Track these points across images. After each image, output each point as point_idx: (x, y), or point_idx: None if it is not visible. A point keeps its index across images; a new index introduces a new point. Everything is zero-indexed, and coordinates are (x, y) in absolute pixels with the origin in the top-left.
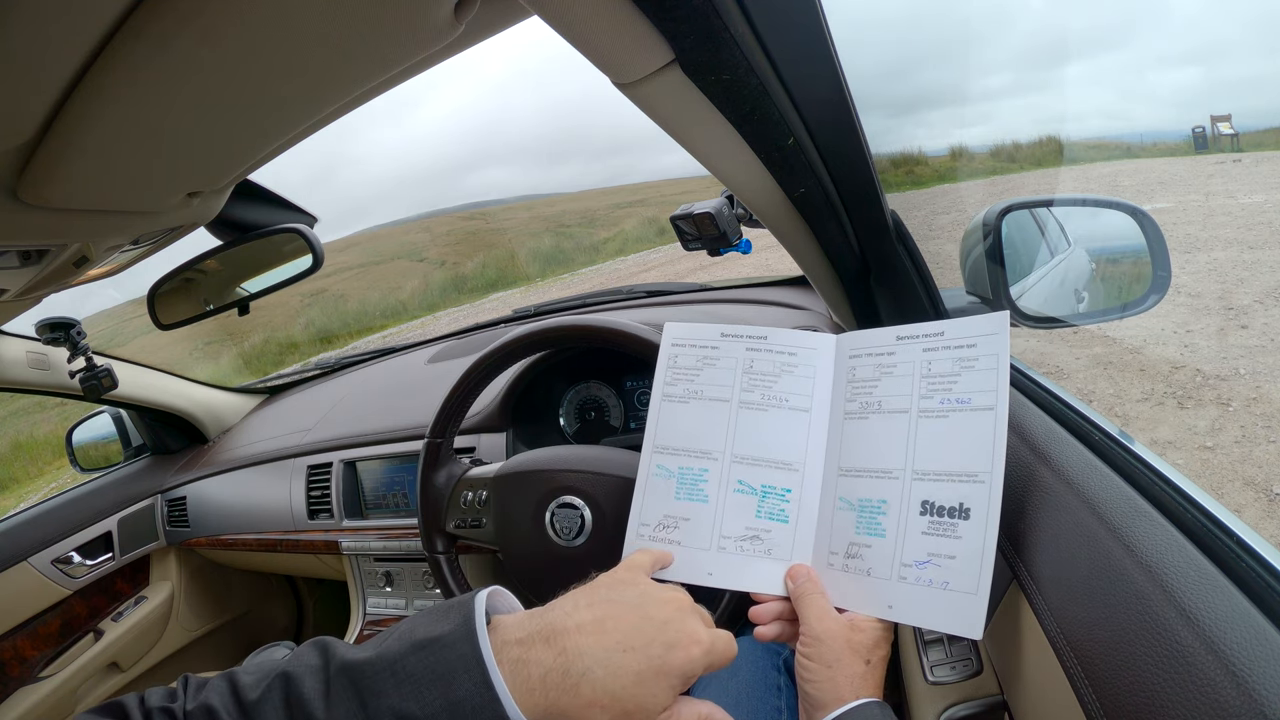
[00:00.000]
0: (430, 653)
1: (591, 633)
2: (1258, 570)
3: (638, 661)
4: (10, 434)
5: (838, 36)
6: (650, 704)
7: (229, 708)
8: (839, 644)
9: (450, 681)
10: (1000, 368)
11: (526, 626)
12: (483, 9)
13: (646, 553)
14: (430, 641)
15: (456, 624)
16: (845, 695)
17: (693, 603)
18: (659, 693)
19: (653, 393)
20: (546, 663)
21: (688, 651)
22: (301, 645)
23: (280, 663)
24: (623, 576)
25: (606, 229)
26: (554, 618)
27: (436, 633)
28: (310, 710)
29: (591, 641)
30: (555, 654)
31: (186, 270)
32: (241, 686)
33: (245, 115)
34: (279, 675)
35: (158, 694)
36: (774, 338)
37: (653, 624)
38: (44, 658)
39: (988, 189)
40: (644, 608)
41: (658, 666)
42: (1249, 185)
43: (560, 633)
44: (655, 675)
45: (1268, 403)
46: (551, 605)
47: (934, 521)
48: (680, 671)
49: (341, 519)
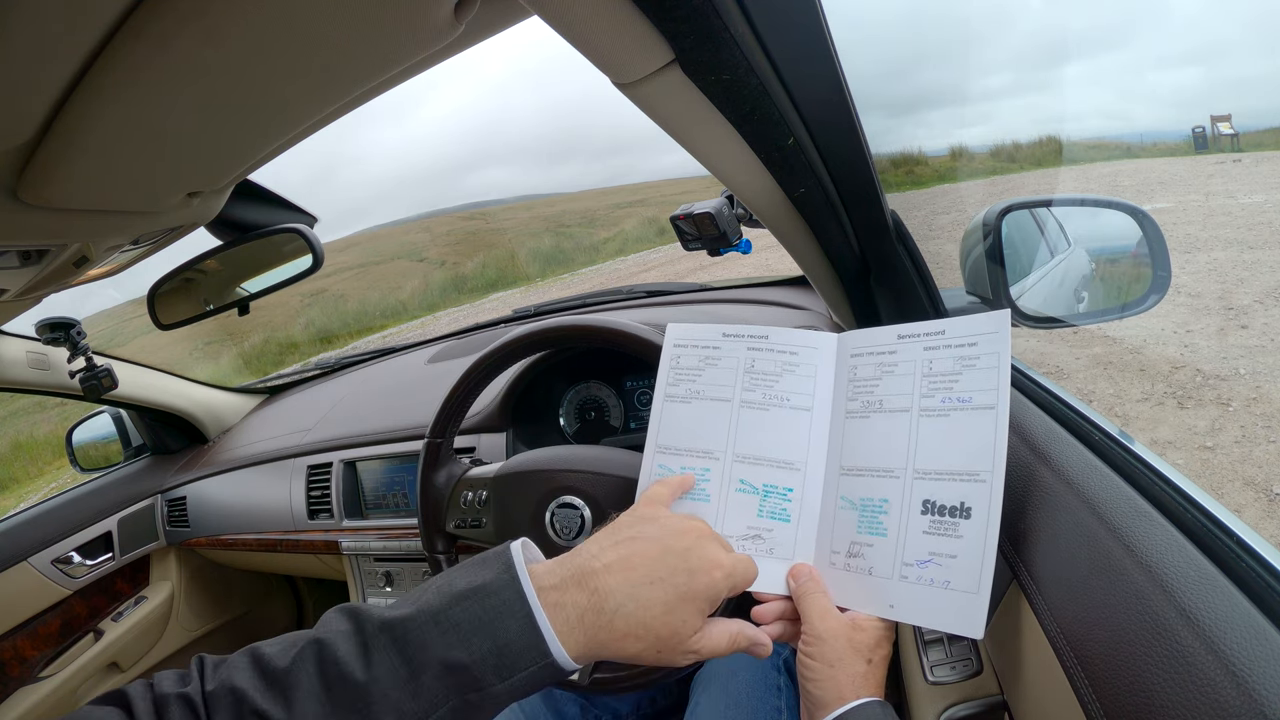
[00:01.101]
0: (475, 600)
1: (619, 570)
2: (1258, 570)
3: (664, 591)
4: (10, 434)
5: (838, 36)
6: (682, 629)
7: (255, 683)
8: (841, 643)
9: (496, 626)
10: (1001, 366)
11: (558, 572)
12: (483, 9)
13: (663, 483)
14: (473, 590)
15: (498, 571)
16: (847, 694)
17: (709, 529)
18: (688, 618)
19: (655, 393)
20: (581, 603)
21: (710, 575)
22: (327, 613)
23: (305, 632)
24: (643, 512)
25: (606, 229)
26: (582, 560)
27: (479, 581)
28: (347, 672)
29: (620, 579)
30: (588, 594)
31: (186, 270)
32: (267, 658)
33: (245, 115)
34: (310, 642)
35: (169, 679)
36: (775, 337)
37: (674, 554)
38: (44, 658)
39: (988, 189)
40: (664, 540)
41: (684, 593)
42: (1249, 185)
43: (590, 574)
44: (682, 602)
45: (1268, 403)
46: (578, 549)
47: (935, 520)
48: (705, 595)
49: (341, 519)
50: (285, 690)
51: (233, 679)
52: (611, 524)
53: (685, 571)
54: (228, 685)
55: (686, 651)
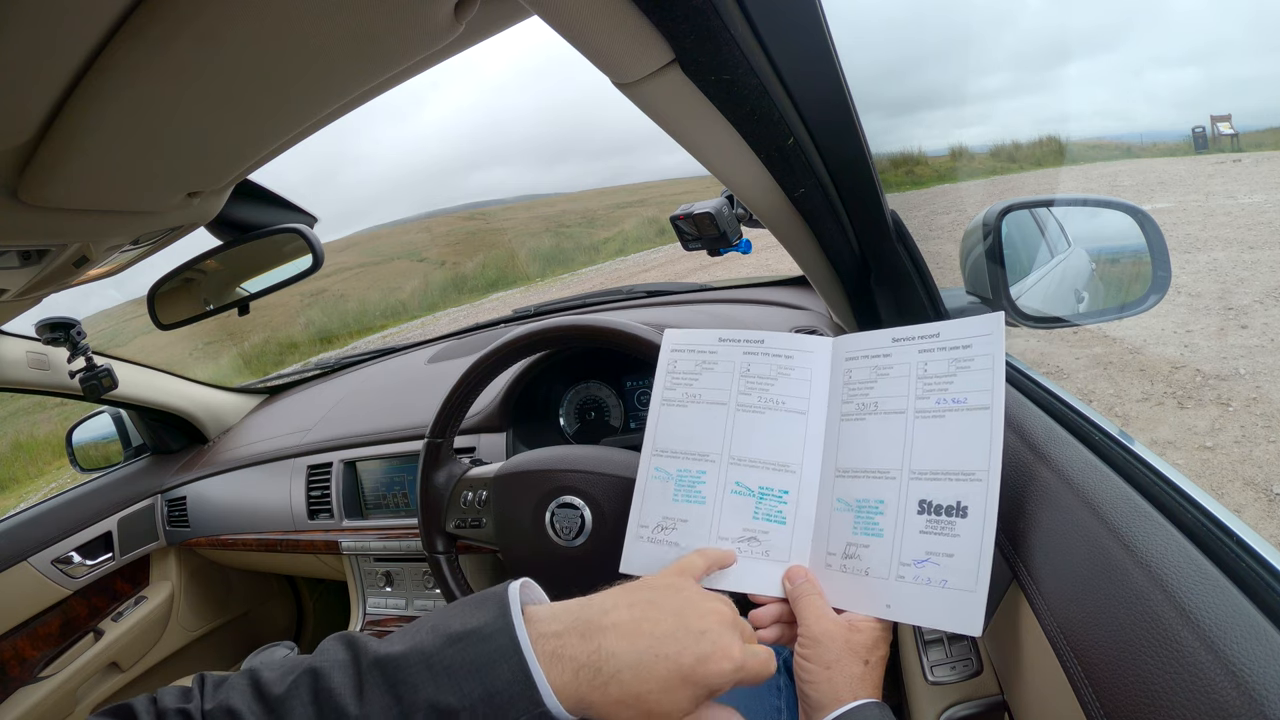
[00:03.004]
0: (468, 645)
1: (627, 634)
2: (1258, 570)
3: (667, 668)
4: (10, 434)
5: (838, 37)
6: (673, 710)
7: (252, 706)
8: (837, 645)
9: (488, 672)
10: (995, 367)
11: (562, 619)
12: (483, 9)
13: (703, 554)
14: (467, 634)
15: (493, 615)
16: (844, 696)
17: (735, 616)
18: (683, 701)
19: (652, 397)
20: (580, 658)
21: (719, 665)
22: (324, 641)
23: (304, 659)
24: (671, 581)
25: (606, 229)
26: (591, 614)
27: (472, 625)
28: (341, 705)
29: (625, 644)
30: (590, 651)
31: (186, 270)
32: (265, 683)
33: (245, 115)
34: (306, 671)
35: (171, 694)
36: (770, 341)
37: (689, 633)
38: (44, 658)
39: (988, 189)
40: (683, 615)
41: (686, 676)
42: (1249, 185)
43: (596, 630)
44: (682, 684)
45: (1268, 403)
46: (590, 600)
47: (932, 520)
48: (707, 684)
49: (341, 519)
50: (280, 716)
51: (230, 700)
52: (634, 582)
53: (694, 655)
54: (225, 706)
55: None
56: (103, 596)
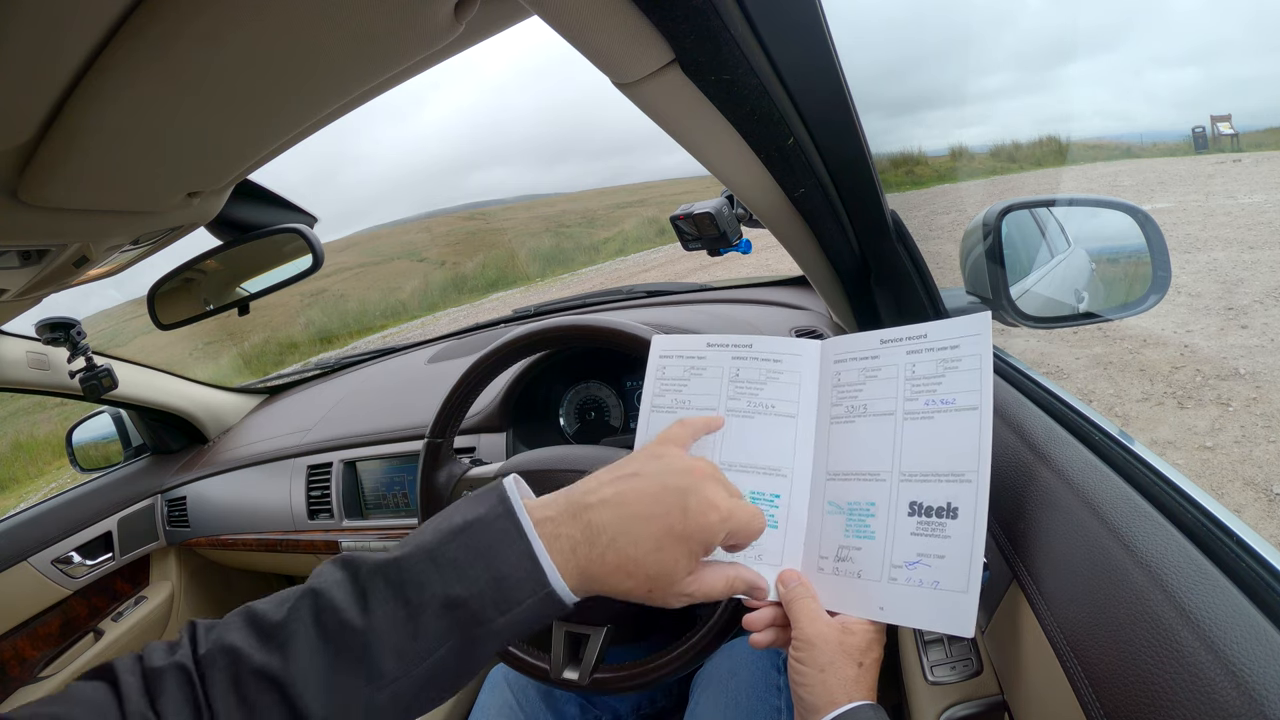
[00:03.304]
0: (471, 534)
1: (613, 505)
2: (1258, 570)
3: (656, 528)
4: (10, 434)
5: (838, 37)
6: (671, 568)
7: (250, 640)
8: (831, 647)
9: (494, 557)
10: (983, 368)
11: (553, 505)
12: (483, 9)
13: (684, 423)
14: (469, 524)
15: (492, 504)
16: (839, 699)
17: (716, 472)
18: (680, 558)
19: (641, 404)
20: (575, 535)
21: (705, 517)
22: (319, 565)
23: (300, 586)
24: (652, 450)
25: (606, 229)
26: (578, 495)
27: (473, 516)
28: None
29: (612, 514)
30: (581, 527)
31: (186, 270)
32: (260, 613)
33: (245, 115)
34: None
35: (158, 650)
36: (759, 345)
37: (671, 492)
38: (44, 658)
39: (988, 189)
40: (663, 477)
41: (677, 533)
42: (1249, 185)
43: (584, 507)
44: (674, 541)
45: (1268, 403)
46: (576, 484)
47: (922, 522)
48: (698, 537)
49: (341, 519)
50: (282, 643)
51: (226, 638)
52: (618, 461)
53: (680, 510)
54: (222, 645)
55: (679, 593)
56: (103, 596)
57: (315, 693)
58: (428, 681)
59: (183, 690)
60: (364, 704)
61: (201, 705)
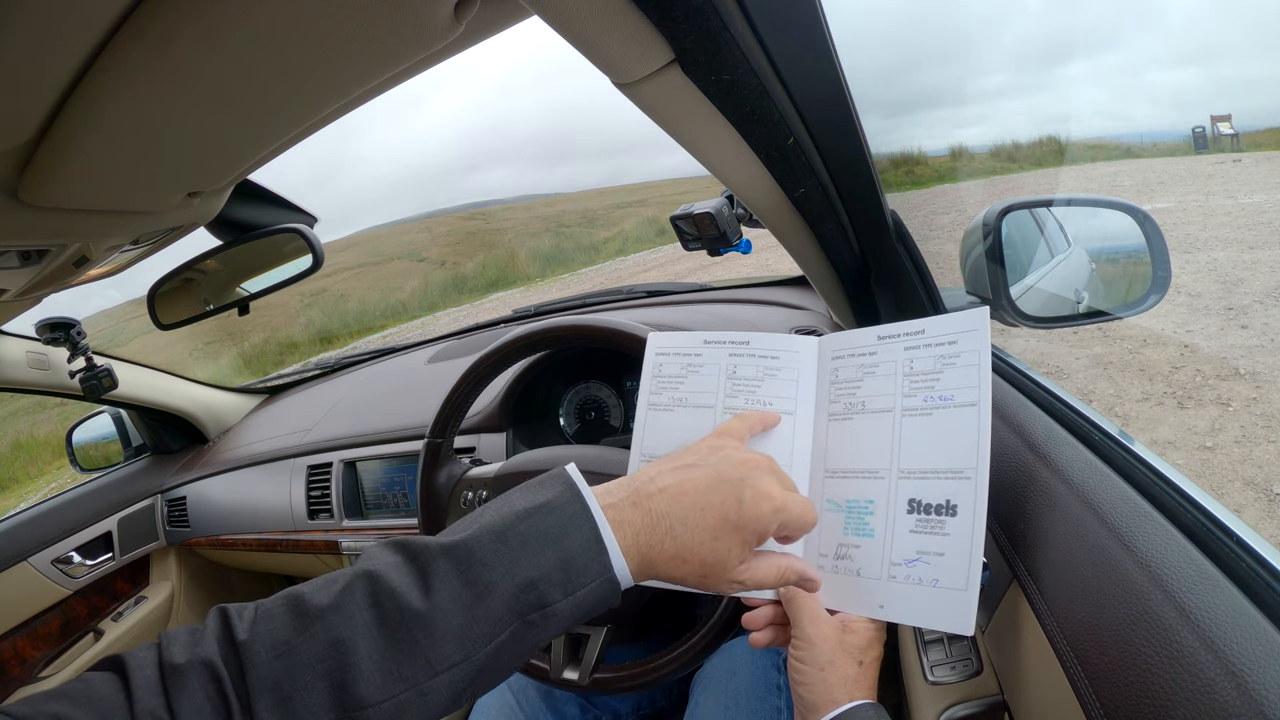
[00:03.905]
0: (541, 516)
1: (672, 495)
2: (1258, 570)
3: (713, 518)
4: (10, 434)
5: (838, 37)
6: (727, 558)
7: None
8: (831, 646)
9: (563, 540)
10: (981, 363)
11: (616, 492)
12: (483, 9)
13: (743, 418)
14: (538, 508)
15: (561, 489)
16: (839, 697)
17: (772, 465)
18: (733, 547)
19: (639, 401)
20: (636, 522)
21: (759, 508)
22: (368, 548)
23: (349, 569)
24: (711, 442)
25: (606, 229)
26: (639, 484)
27: (541, 500)
28: (405, 602)
29: (671, 503)
30: (642, 515)
31: (186, 270)
32: (306, 597)
33: (245, 115)
34: (359, 575)
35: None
36: (756, 342)
37: (727, 482)
38: (44, 658)
39: (988, 189)
40: (720, 468)
41: (732, 522)
42: (1249, 185)
43: (645, 496)
44: (730, 531)
45: (1268, 403)
46: (637, 473)
47: (921, 519)
48: (752, 527)
49: (341, 519)
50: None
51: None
52: (677, 452)
53: (735, 501)
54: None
55: (732, 581)
56: (103, 596)
57: (369, 679)
58: (483, 668)
59: (205, 688)
60: (417, 691)
61: (232, 701)
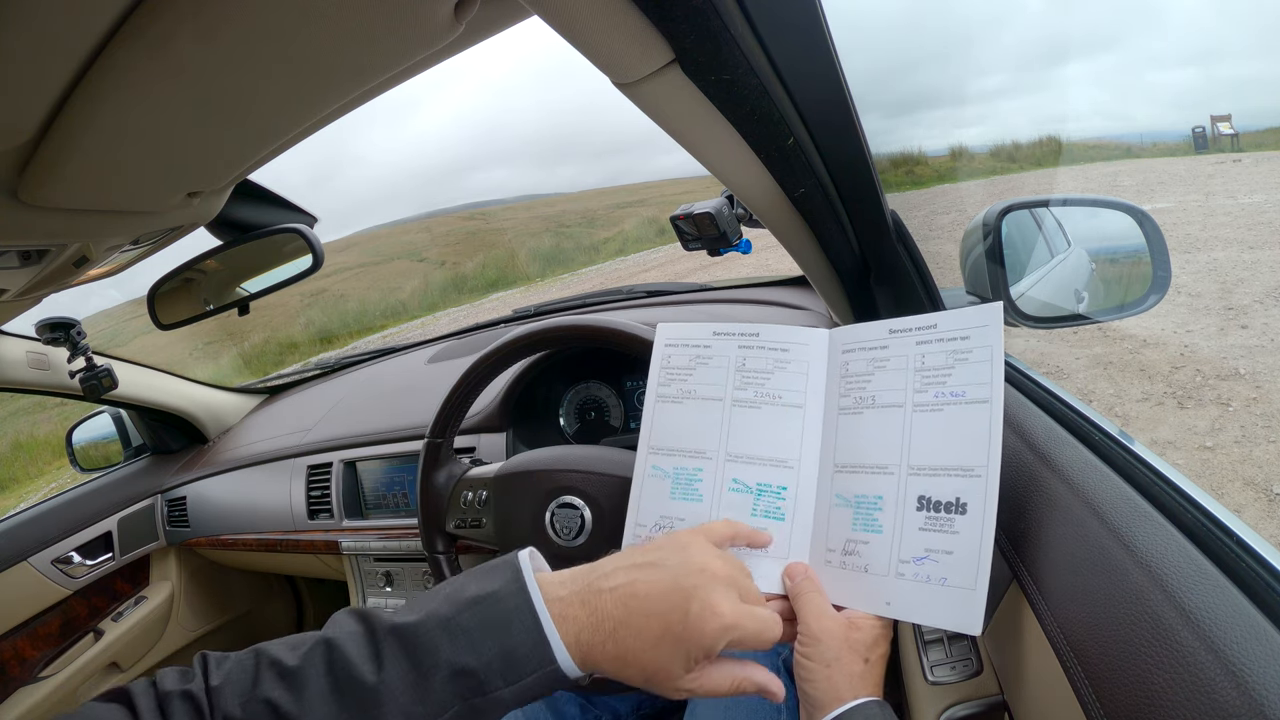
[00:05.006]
0: (485, 607)
1: (621, 596)
2: (1258, 570)
3: (656, 627)
4: (10, 434)
5: (838, 37)
6: (668, 666)
7: (263, 677)
8: (837, 642)
9: (505, 631)
10: (994, 360)
11: (568, 585)
12: (483, 9)
13: (731, 525)
14: (484, 597)
15: (507, 579)
16: (844, 694)
17: (732, 574)
18: (675, 657)
19: (647, 393)
20: (581, 619)
21: (703, 624)
22: (335, 614)
23: (313, 633)
24: (681, 539)
25: (606, 229)
26: (592, 579)
27: (488, 589)
28: (358, 674)
29: (618, 605)
30: (588, 613)
31: (186, 270)
32: (275, 657)
33: (245, 115)
34: (319, 643)
35: (171, 676)
36: (766, 334)
37: (679, 592)
38: (44, 658)
39: (988, 189)
40: (676, 573)
41: (675, 635)
42: (1249, 185)
43: (595, 593)
44: (672, 642)
45: (1268, 403)
46: (593, 565)
47: (931, 517)
48: (695, 641)
49: (341, 519)
50: (295, 686)
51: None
52: (643, 545)
53: (681, 613)
54: (233, 679)
55: (678, 689)
56: (103, 596)
57: None
58: None
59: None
60: None
61: None
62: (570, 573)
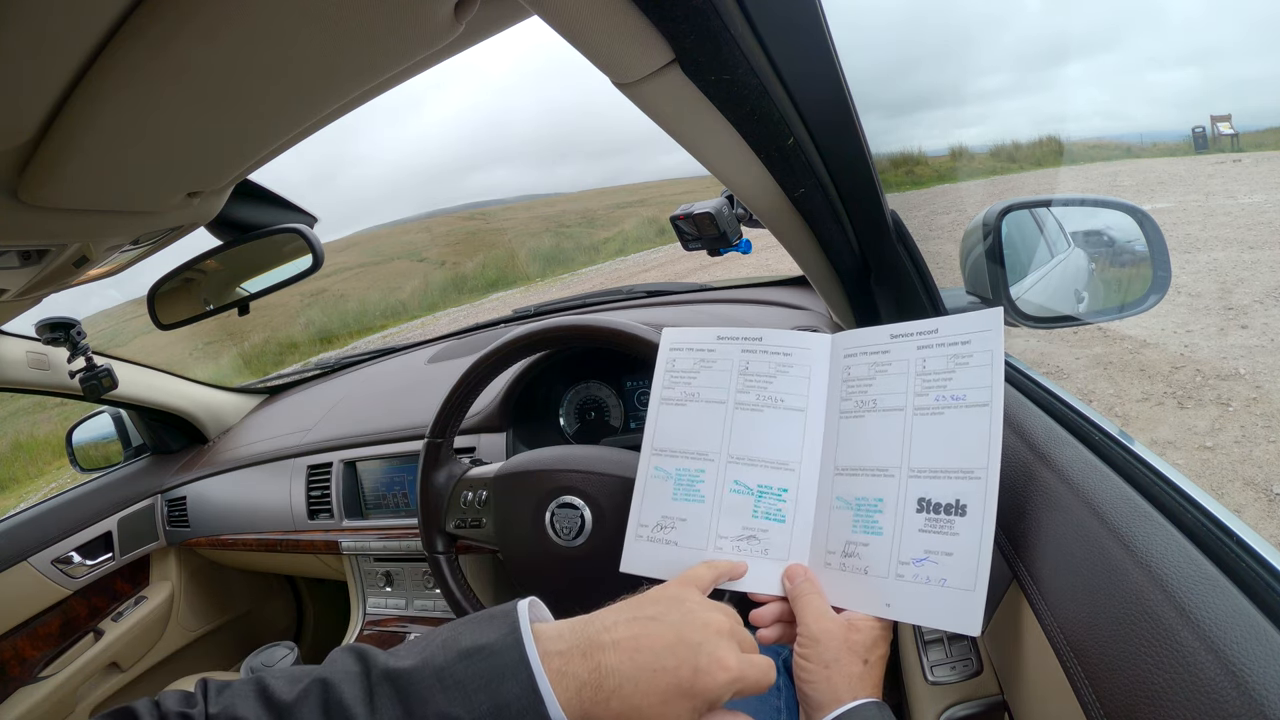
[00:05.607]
0: (479, 659)
1: (626, 651)
2: (1258, 570)
3: (665, 682)
4: (10, 434)
5: (838, 37)
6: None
7: (259, 713)
8: (836, 644)
9: (498, 686)
10: (995, 364)
11: (567, 638)
12: (483, 9)
13: (711, 566)
14: (478, 649)
15: (503, 632)
16: (843, 695)
17: (733, 626)
18: (682, 713)
19: (651, 396)
20: (582, 676)
21: (713, 678)
22: (333, 652)
23: (312, 668)
24: (674, 592)
25: (606, 229)
26: (593, 632)
27: (483, 641)
28: (351, 716)
29: (625, 660)
30: (590, 669)
31: (186, 270)
32: (272, 690)
33: (245, 115)
34: (316, 681)
35: (173, 698)
36: (769, 339)
37: (685, 646)
38: (44, 658)
39: (988, 189)
40: (680, 628)
41: (685, 689)
42: (1249, 185)
43: (597, 648)
44: (680, 696)
45: (1268, 403)
46: (593, 617)
47: (930, 519)
48: (704, 695)
49: (341, 519)
50: None
51: (236, 707)
52: (638, 596)
53: (690, 668)
54: (230, 713)
55: None
56: (103, 596)
57: None
58: None
59: None
60: None
61: None
62: (569, 624)
